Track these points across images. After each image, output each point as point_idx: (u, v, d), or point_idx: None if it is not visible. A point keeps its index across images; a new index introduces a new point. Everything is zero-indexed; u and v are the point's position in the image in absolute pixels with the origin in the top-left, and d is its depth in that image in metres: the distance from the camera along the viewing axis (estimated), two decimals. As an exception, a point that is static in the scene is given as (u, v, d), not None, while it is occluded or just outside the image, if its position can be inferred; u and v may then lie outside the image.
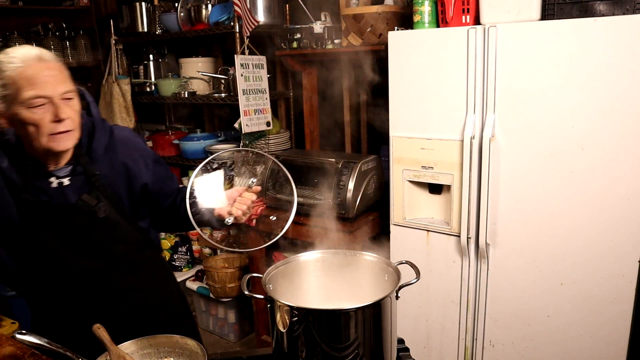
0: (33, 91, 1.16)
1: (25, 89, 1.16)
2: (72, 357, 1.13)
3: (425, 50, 2.11)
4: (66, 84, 1.22)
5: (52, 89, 1.18)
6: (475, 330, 2.25)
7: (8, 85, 1.17)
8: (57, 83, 1.20)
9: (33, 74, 1.17)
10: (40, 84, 1.17)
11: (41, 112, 1.18)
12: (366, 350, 1.09)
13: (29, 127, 1.19)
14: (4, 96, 1.19)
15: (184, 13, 3.17)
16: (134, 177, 1.40)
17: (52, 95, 1.19)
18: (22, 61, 1.18)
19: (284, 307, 1.07)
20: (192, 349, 1.17)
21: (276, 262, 1.28)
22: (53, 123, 1.20)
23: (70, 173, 1.32)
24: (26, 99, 1.16)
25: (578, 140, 1.85)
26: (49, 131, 1.20)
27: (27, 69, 1.17)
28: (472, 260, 2.19)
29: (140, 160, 1.42)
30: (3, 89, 1.18)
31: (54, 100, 1.19)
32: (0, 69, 1.19)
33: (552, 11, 1.93)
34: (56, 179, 1.31)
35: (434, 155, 2.18)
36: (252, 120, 2.88)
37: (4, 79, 1.18)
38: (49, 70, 1.20)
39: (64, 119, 1.20)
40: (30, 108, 1.17)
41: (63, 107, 1.20)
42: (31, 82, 1.17)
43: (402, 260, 1.29)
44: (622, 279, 1.87)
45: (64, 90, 1.21)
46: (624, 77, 1.73)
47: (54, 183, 1.31)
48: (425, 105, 2.16)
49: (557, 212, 1.95)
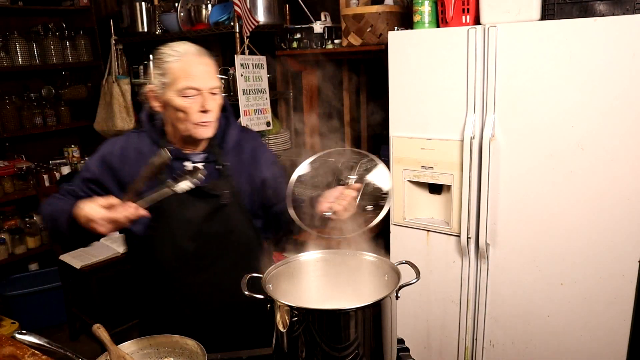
0: (187, 82, 1.31)
1: (181, 79, 1.31)
2: (72, 357, 1.13)
3: (425, 50, 2.11)
4: (215, 80, 1.36)
5: (203, 82, 1.32)
6: (475, 330, 2.25)
7: (167, 74, 1.33)
8: (208, 78, 1.33)
9: (189, 67, 1.32)
10: (194, 77, 1.31)
11: (190, 102, 1.32)
12: (366, 350, 1.09)
13: (179, 113, 1.34)
14: (162, 83, 1.34)
15: (184, 13, 3.17)
16: (256, 172, 1.52)
17: (202, 88, 1.32)
18: (181, 55, 1.33)
19: (284, 307, 1.07)
20: (192, 349, 1.17)
21: (276, 262, 1.28)
22: (199, 113, 1.33)
23: (203, 160, 1.45)
24: (180, 89, 1.31)
25: (578, 140, 1.85)
26: (195, 119, 1.34)
27: (185, 62, 1.32)
28: (472, 260, 2.18)
29: (262, 158, 1.55)
30: (162, 77, 1.34)
31: (203, 93, 1.33)
32: (163, 60, 1.34)
33: (552, 11, 1.93)
34: (191, 163, 1.43)
35: (434, 155, 2.18)
36: (252, 120, 2.88)
37: (164, 68, 1.33)
38: (203, 65, 1.34)
39: (209, 111, 1.34)
40: (182, 97, 1.32)
41: (209, 100, 1.34)
42: (186, 74, 1.31)
43: (402, 260, 1.29)
44: (622, 279, 1.87)
45: (212, 85, 1.34)
46: (624, 77, 1.73)
47: (188, 166, 1.42)
48: (425, 105, 2.16)
49: (557, 212, 1.95)
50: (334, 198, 1.41)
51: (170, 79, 1.32)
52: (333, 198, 1.41)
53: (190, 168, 1.42)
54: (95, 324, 1.15)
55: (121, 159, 1.42)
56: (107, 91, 3.54)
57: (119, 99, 3.50)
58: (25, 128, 3.60)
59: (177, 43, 1.37)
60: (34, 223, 3.61)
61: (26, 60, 3.54)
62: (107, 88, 3.55)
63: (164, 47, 1.37)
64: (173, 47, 1.36)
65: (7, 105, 3.48)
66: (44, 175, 3.65)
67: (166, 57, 1.34)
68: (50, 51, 3.65)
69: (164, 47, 1.37)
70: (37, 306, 3.38)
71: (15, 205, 3.55)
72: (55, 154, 3.95)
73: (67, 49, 3.75)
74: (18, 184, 3.56)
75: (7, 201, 3.48)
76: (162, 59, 1.35)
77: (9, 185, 3.50)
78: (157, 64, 1.36)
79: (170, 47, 1.36)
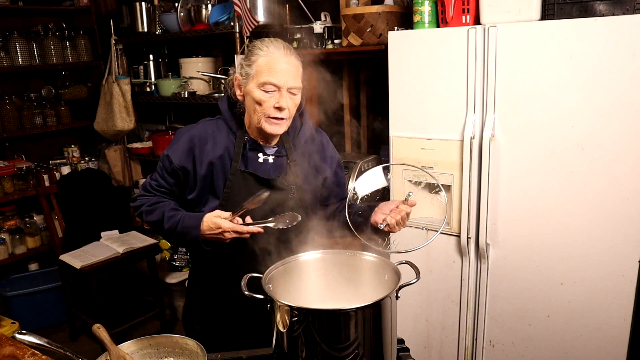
0: (268, 77, 1.37)
1: (263, 73, 1.37)
2: (72, 357, 1.13)
3: (425, 50, 2.11)
4: (296, 81, 1.41)
5: (284, 80, 1.37)
6: (475, 330, 2.25)
7: (252, 66, 1.40)
8: (289, 77, 1.39)
9: (273, 64, 1.38)
10: (275, 74, 1.37)
11: (268, 96, 1.38)
12: (366, 350, 1.09)
13: (255, 104, 1.40)
14: (247, 74, 1.41)
15: (184, 13, 3.16)
16: (320, 170, 1.58)
17: (281, 86, 1.38)
18: (269, 51, 1.39)
19: (284, 307, 1.07)
20: (192, 349, 1.17)
21: (276, 262, 1.28)
22: (274, 108, 1.39)
23: (275, 153, 1.51)
24: (261, 82, 1.38)
25: (578, 140, 1.85)
26: (268, 114, 1.39)
27: (271, 58, 1.38)
28: (472, 260, 2.18)
29: (328, 157, 1.61)
30: (248, 68, 1.41)
31: (281, 90, 1.38)
32: (252, 52, 1.41)
33: (552, 11, 1.93)
34: (263, 155, 1.50)
35: (434, 155, 2.18)
36: (252, 120, 2.87)
37: (251, 60, 1.40)
38: (287, 64, 1.39)
39: (283, 108, 1.39)
40: (262, 90, 1.38)
41: (286, 98, 1.39)
42: (269, 69, 1.37)
43: (402, 260, 1.29)
44: (622, 279, 1.87)
45: (292, 85, 1.39)
46: (624, 77, 1.73)
47: (260, 158, 1.50)
48: (425, 105, 2.16)
49: (557, 212, 1.95)
50: (389, 210, 1.44)
51: (254, 72, 1.39)
52: (388, 210, 1.44)
53: (262, 160, 1.50)
54: (95, 324, 1.15)
55: (200, 146, 1.48)
56: (107, 91, 3.54)
57: (119, 99, 3.50)
58: (25, 128, 3.60)
59: (269, 40, 1.43)
60: (34, 223, 3.61)
61: (26, 60, 3.54)
62: (107, 88, 3.55)
63: (257, 41, 1.44)
64: (264, 42, 1.42)
65: (7, 105, 3.49)
66: (44, 175, 3.65)
67: (256, 50, 1.41)
68: (50, 51, 3.65)
69: (257, 41, 1.44)
70: (37, 306, 3.38)
71: (15, 205, 3.55)
72: (55, 154, 3.95)
73: (67, 49, 3.75)
74: (18, 184, 3.56)
75: (7, 201, 3.48)
76: (252, 51, 1.42)
77: (9, 185, 3.50)
78: (247, 55, 1.43)
79: (262, 41, 1.43)
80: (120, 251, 3.05)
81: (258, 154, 1.50)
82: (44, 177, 3.65)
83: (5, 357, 1.26)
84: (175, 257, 3.56)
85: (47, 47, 3.64)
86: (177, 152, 1.49)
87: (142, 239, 3.24)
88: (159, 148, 3.54)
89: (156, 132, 3.90)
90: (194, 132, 1.51)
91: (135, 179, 3.92)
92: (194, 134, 1.50)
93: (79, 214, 3.34)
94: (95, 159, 3.99)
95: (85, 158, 3.97)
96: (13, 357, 1.27)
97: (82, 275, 2.89)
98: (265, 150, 1.50)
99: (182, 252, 3.56)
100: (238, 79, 1.45)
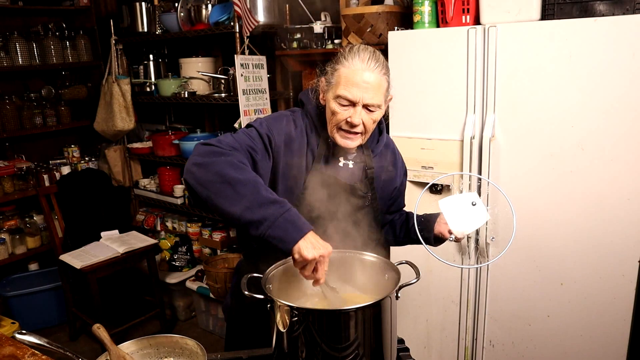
0: (344, 91, 1.32)
1: (341, 86, 1.33)
2: (72, 357, 1.13)
3: (425, 50, 2.11)
4: (374, 98, 1.33)
5: (359, 97, 1.32)
6: (475, 330, 2.25)
7: (334, 75, 1.36)
8: (366, 94, 1.32)
9: (352, 77, 1.32)
10: (352, 89, 1.31)
11: (342, 109, 1.34)
12: (366, 350, 1.09)
13: (331, 114, 1.37)
14: (329, 82, 1.37)
15: (184, 13, 3.16)
16: (392, 179, 1.58)
17: (357, 102, 1.32)
18: (352, 63, 1.33)
19: (284, 307, 1.07)
20: (192, 349, 1.17)
21: (276, 262, 1.28)
22: (346, 122, 1.35)
23: (355, 159, 1.48)
24: (337, 95, 1.34)
25: (578, 140, 1.85)
26: (340, 125, 1.36)
27: (351, 71, 1.32)
28: (472, 261, 2.18)
29: (399, 167, 1.61)
30: (331, 76, 1.37)
31: (356, 107, 1.33)
32: (338, 59, 1.36)
33: (552, 11, 1.93)
34: (344, 160, 1.47)
35: (434, 155, 2.18)
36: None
37: (334, 69, 1.36)
38: (367, 80, 1.32)
39: (355, 124, 1.34)
40: (337, 102, 1.34)
41: (361, 115, 1.34)
42: (347, 83, 1.32)
43: (402, 260, 1.30)
44: (622, 279, 1.87)
45: (369, 102, 1.33)
46: (624, 77, 1.73)
47: (341, 162, 1.47)
48: (425, 105, 2.16)
49: (557, 212, 1.95)
50: None
51: (334, 81, 1.35)
52: None
53: (342, 165, 1.47)
54: (95, 324, 1.15)
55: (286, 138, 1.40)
56: (107, 91, 3.54)
57: (119, 99, 3.50)
58: (25, 128, 3.60)
59: (358, 48, 1.36)
60: (34, 223, 3.61)
61: (26, 60, 3.54)
62: (107, 88, 3.54)
63: (346, 47, 1.39)
64: (352, 51, 1.36)
65: (7, 105, 3.48)
66: (44, 175, 3.65)
67: (341, 59, 1.36)
68: (50, 51, 3.65)
69: (347, 47, 1.40)
70: (37, 306, 3.38)
71: (15, 205, 3.55)
72: (55, 154, 3.95)
73: (67, 49, 3.75)
74: (18, 184, 3.56)
75: (7, 201, 3.48)
76: (338, 58, 1.37)
77: (9, 185, 3.50)
78: (334, 61, 1.38)
79: (350, 50, 1.37)
80: (120, 251, 3.05)
81: (339, 157, 1.47)
82: (44, 177, 3.65)
83: (5, 357, 1.26)
84: (175, 257, 3.56)
85: (47, 47, 3.64)
86: (279, 129, 1.40)
87: (142, 239, 3.24)
88: (158, 148, 3.54)
89: (156, 132, 3.90)
90: (291, 126, 1.42)
91: (135, 179, 3.92)
92: (290, 129, 1.42)
93: (79, 214, 3.34)
94: (95, 159, 3.99)
95: (85, 158, 3.97)
96: (13, 357, 1.27)
97: (82, 275, 2.89)
98: (347, 155, 1.47)
99: (182, 252, 3.56)
100: (323, 83, 1.41)
